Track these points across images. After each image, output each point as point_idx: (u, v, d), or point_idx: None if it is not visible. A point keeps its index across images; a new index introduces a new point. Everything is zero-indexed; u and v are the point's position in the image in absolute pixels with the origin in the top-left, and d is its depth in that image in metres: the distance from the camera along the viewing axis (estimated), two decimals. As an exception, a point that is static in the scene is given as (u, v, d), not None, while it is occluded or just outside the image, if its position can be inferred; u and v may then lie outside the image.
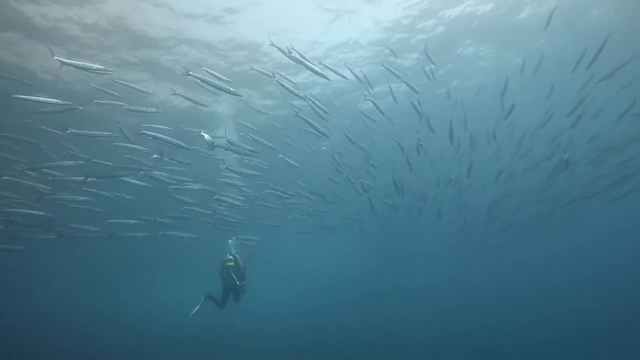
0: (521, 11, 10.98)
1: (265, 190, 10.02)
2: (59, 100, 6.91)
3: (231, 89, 6.92)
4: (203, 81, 6.85)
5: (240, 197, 10.45)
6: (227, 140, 8.50)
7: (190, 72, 6.72)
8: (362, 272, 41.23)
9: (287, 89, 8.21)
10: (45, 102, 6.77)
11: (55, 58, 6.49)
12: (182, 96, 8.47)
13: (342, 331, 25.66)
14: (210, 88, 7.11)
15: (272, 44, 8.16)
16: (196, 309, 9.76)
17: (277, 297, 37.25)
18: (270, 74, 8.15)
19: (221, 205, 10.10)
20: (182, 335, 25.97)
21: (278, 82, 8.17)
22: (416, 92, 9.26)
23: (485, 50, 12.50)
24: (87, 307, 34.37)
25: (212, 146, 8.33)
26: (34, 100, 6.60)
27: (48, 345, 21.81)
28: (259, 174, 8.97)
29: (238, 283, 9.21)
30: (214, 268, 9.80)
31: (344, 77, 8.83)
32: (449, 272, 39.99)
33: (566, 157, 11.42)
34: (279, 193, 10.05)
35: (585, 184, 16.20)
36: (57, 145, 11.15)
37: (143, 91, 8.70)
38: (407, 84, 9.03)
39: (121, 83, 8.67)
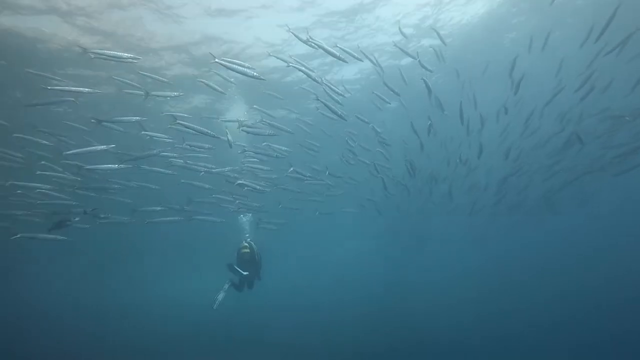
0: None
1: (285, 174, 10.31)
2: (90, 89, 7.23)
3: (254, 73, 7.16)
4: (228, 67, 7.09)
5: (261, 182, 10.75)
6: (245, 126, 8.71)
7: (217, 60, 6.98)
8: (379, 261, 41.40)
9: (304, 73, 8.44)
10: (78, 92, 7.09)
11: (88, 51, 6.74)
12: (204, 83, 8.74)
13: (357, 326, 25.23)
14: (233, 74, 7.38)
15: (289, 30, 8.39)
16: (221, 297, 9.39)
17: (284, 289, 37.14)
18: (287, 58, 8.39)
19: (245, 189, 10.33)
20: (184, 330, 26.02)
21: (295, 67, 8.39)
22: (430, 71, 9.42)
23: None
24: (86, 303, 34.36)
25: (231, 144, 8.66)
26: (68, 90, 6.92)
27: (49, 343, 21.52)
28: (282, 155, 9.20)
29: (244, 273, 9.17)
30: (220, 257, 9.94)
31: (359, 59, 9.00)
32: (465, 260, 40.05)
33: (578, 132, 11.60)
34: (298, 176, 10.33)
35: (594, 158, 16.30)
36: (81, 140, 11.53)
37: (164, 81, 8.95)
38: (420, 63, 9.20)
39: (144, 74, 8.96)
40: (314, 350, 20.61)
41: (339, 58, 7.93)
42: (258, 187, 10.09)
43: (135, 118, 8.02)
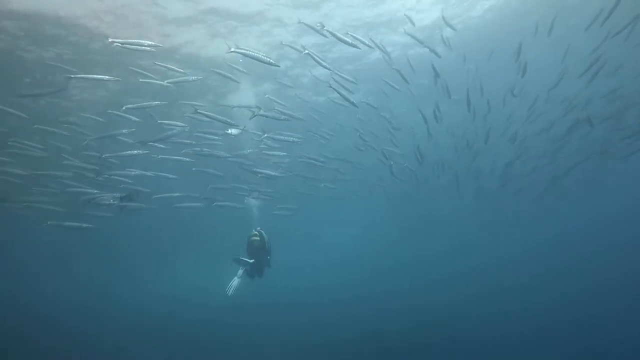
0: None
1: (300, 159, 10.53)
2: (110, 77, 7.54)
3: (271, 60, 7.33)
4: (245, 55, 7.25)
5: (276, 169, 10.98)
6: (260, 111, 8.84)
7: (233, 49, 7.15)
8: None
9: (317, 62, 8.57)
10: (100, 79, 7.38)
11: (110, 40, 6.93)
12: (218, 72, 8.94)
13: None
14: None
15: (300, 22, 8.48)
16: (236, 283, 9.15)
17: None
18: (301, 48, 8.50)
19: (260, 176, 10.52)
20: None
21: (309, 54, 8.50)
22: (439, 56, 9.51)
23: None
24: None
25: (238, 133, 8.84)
26: (91, 79, 7.19)
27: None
28: (299, 140, 9.37)
29: (250, 260, 9.11)
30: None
31: (370, 46, 9.08)
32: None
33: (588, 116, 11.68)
34: (312, 161, 10.54)
35: (602, 141, 16.36)
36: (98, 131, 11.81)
37: (180, 71, 9.12)
38: (430, 49, 9.29)
39: (161, 65, 9.11)
40: (315, 350, 19.54)
41: (352, 45, 8.05)
42: (273, 173, 10.27)
43: (155, 103, 8.23)
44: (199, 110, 7.83)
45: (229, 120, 8.07)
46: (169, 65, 8.96)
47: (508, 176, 18.87)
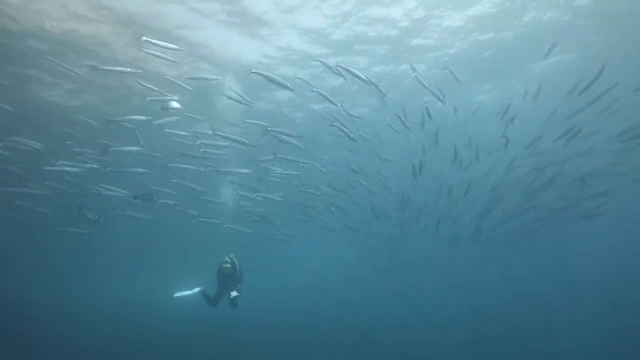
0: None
1: (301, 188, 10.43)
2: (132, 69, 7.68)
3: (288, 85, 7.38)
4: (267, 78, 7.28)
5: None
6: (269, 130, 8.67)
7: (255, 70, 7.17)
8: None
9: (326, 98, 8.64)
10: (122, 71, 7.54)
11: (144, 38, 6.83)
12: (233, 93, 8.92)
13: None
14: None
15: (316, 60, 8.57)
16: (186, 294, 8.85)
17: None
18: (311, 86, 8.47)
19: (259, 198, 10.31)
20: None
21: (319, 92, 8.49)
22: (442, 102, 9.63)
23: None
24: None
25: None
26: (116, 71, 7.38)
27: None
28: (308, 162, 9.28)
29: (238, 295, 8.66)
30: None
31: (378, 91, 9.16)
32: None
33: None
34: (310, 191, 10.45)
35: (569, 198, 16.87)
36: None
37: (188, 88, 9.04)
38: (434, 94, 9.37)
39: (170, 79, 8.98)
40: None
41: (364, 81, 8.11)
42: (277, 198, 10.10)
43: (175, 97, 8.13)
44: (216, 133, 7.71)
45: (246, 141, 8.00)
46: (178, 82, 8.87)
47: (483, 225, 19.12)
